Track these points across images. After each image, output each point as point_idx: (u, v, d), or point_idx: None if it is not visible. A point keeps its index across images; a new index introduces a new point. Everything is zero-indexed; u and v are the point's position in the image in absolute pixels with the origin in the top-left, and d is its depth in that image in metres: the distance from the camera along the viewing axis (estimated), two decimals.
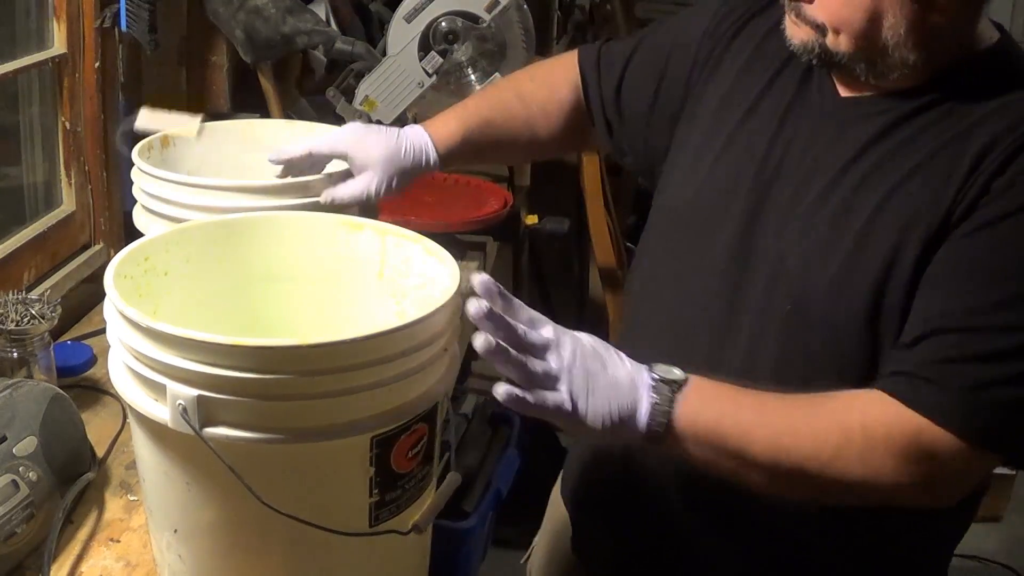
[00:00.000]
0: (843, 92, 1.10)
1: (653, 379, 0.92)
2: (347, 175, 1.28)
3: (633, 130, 1.30)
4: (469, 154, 1.34)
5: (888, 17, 0.99)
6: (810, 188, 1.07)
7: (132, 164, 1.28)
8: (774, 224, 1.08)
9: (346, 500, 0.91)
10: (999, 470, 1.12)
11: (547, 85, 1.37)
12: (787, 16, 1.08)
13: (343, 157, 1.28)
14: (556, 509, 1.42)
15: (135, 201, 1.38)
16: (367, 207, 1.31)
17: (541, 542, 1.48)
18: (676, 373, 0.94)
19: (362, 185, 1.26)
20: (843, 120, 1.08)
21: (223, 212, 1.16)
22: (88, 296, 1.61)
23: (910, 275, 0.99)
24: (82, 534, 1.12)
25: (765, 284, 1.08)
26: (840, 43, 1.03)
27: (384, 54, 1.88)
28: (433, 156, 1.30)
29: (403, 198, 1.98)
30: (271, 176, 1.29)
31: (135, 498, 1.18)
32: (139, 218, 1.29)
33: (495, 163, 1.41)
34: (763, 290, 1.08)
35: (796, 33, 1.06)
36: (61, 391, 1.14)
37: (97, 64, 1.60)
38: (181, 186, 1.22)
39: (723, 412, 0.94)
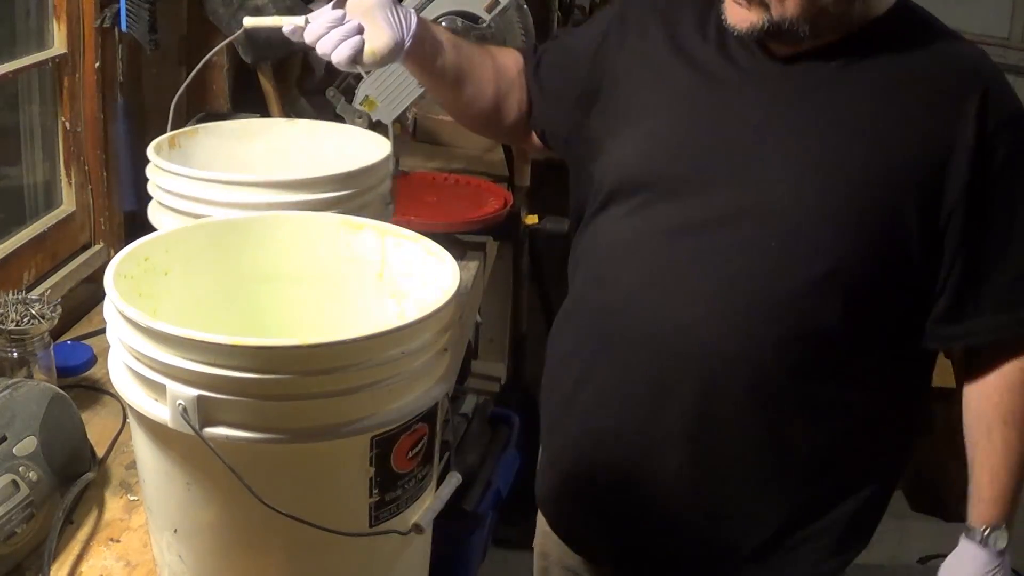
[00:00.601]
0: (778, 52, 1.22)
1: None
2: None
3: (550, 106, 1.42)
4: (449, 55, 1.37)
5: None
6: (777, 138, 1.19)
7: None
8: (748, 175, 1.19)
9: (346, 500, 0.91)
10: None
11: (507, 48, 1.54)
12: (727, 2, 1.19)
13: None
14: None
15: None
16: (385, 211, 1.31)
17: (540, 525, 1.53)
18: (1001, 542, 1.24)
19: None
20: (791, 76, 1.21)
21: (244, 208, 1.17)
22: (88, 296, 1.61)
23: (917, 203, 1.16)
24: (82, 534, 1.12)
25: (749, 229, 1.18)
26: (786, 9, 1.14)
27: None
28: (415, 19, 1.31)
29: (403, 198, 1.99)
30: (277, 175, 1.30)
31: (135, 498, 1.18)
32: (155, 215, 1.28)
33: (459, 98, 1.41)
34: (746, 237, 1.18)
35: (745, 17, 1.17)
36: (61, 391, 1.14)
37: (97, 64, 1.60)
38: (205, 182, 1.21)
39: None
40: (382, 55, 1.26)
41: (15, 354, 1.24)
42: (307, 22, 1.24)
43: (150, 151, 1.28)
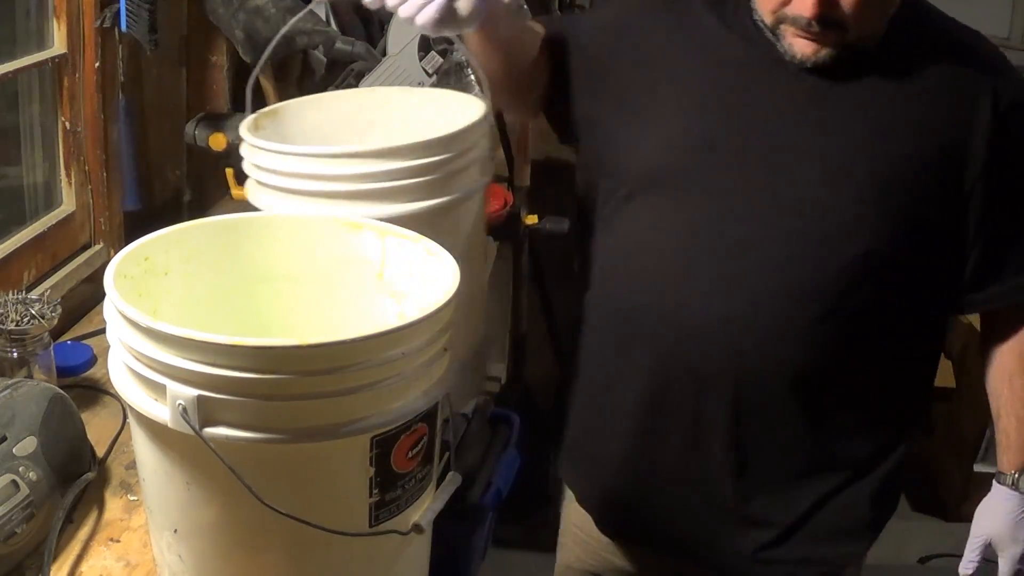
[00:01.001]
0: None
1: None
2: None
3: (557, 85, 1.38)
4: (506, 25, 1.31)
5: None
6: (805, 130, 1.22)
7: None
8: (777, 167, 1.21)
9: (346, 500, 0.91)
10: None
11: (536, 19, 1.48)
12: (792, 36, 1.19)
13: None
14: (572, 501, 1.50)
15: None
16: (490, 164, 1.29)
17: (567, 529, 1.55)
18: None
19: None
20: (815, 70, 1.21)
21: (348, 180, 1.15)
22: (88, 296, 1.61)
23: (940, 186, 1.22)
24: (82, 534, 1.12)
25: (780, 219, 1.21)
26: (864, 28, 1.17)
27: (384, 54, 1.88)
28: None
29: None
30: (382, 141, 1.26)
31: (135, 498, 1.18)
32: (255, 196, 1.24)
33: (503, 68, 1.34)
34: (777, 227, 1.21)
35: (815, 48, 1.19)
36: (61, 391, 1.14)
37: (97, 64, 1.60)
38: (306, 157, 1.18)
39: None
40: (466, 16, 1.18)
41: (15, 354, 1.24)
42: None
43: (244, 131, 1.25)
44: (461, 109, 1.32)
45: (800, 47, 1.20)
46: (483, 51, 1.31)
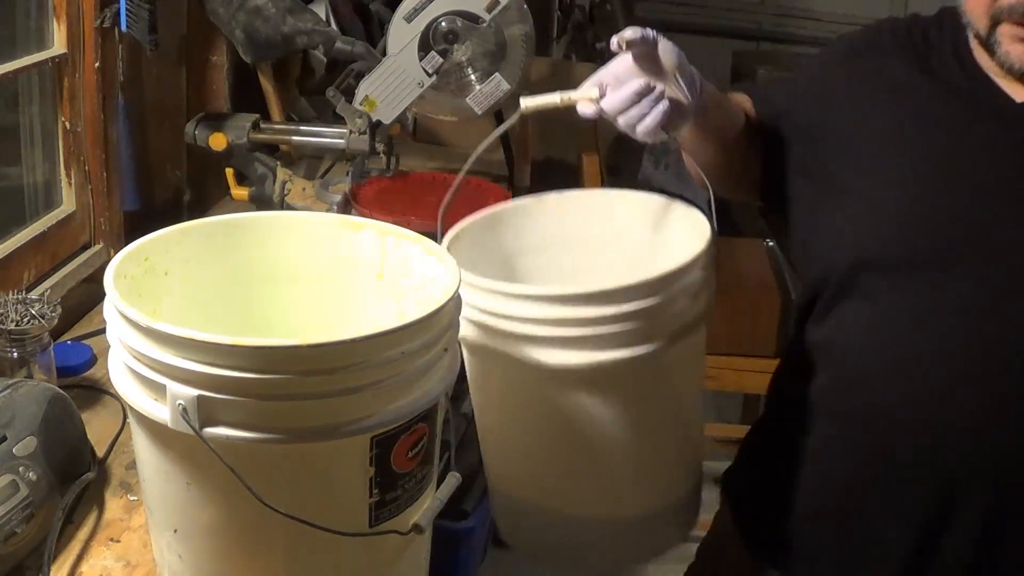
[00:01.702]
0: (1020, 96, 1.10)
1: None
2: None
3: (772, 173, 1.28)
4: (716, 113, 1.20)
5: None
6: None
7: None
8: (1017, 239, 1.07)
9: (346, 500, 0.91)
10: None
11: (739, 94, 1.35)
12: (1009, 41, 1.07)
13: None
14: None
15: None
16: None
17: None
18: None
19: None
20: None
21: (553, 325, 1.03)
22: (88, 296, 1.62)
23: None
24: (82, 534, 1.12)
25: None
26: None
27: (384, 54, 1.88)
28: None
29: (403, 198, 1.99)
30: (616, 250, 1.20)
31: (135, 498, 1.18)
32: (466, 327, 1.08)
33: (718, 155, 1.24)
34: None
35: None
36: (61, 391, 1.14)
37: (97, 64, 1.60)
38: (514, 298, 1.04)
39: None
40: (684, 119, 1.11)
41: (15, 354, 1.24)
42: (602, 94, 1.07)
43: (445, 246, 1.10)
44: (674, 220, 1.21)
45: (1018, 53, 1.06)
46: (697, 142, 1.19)
